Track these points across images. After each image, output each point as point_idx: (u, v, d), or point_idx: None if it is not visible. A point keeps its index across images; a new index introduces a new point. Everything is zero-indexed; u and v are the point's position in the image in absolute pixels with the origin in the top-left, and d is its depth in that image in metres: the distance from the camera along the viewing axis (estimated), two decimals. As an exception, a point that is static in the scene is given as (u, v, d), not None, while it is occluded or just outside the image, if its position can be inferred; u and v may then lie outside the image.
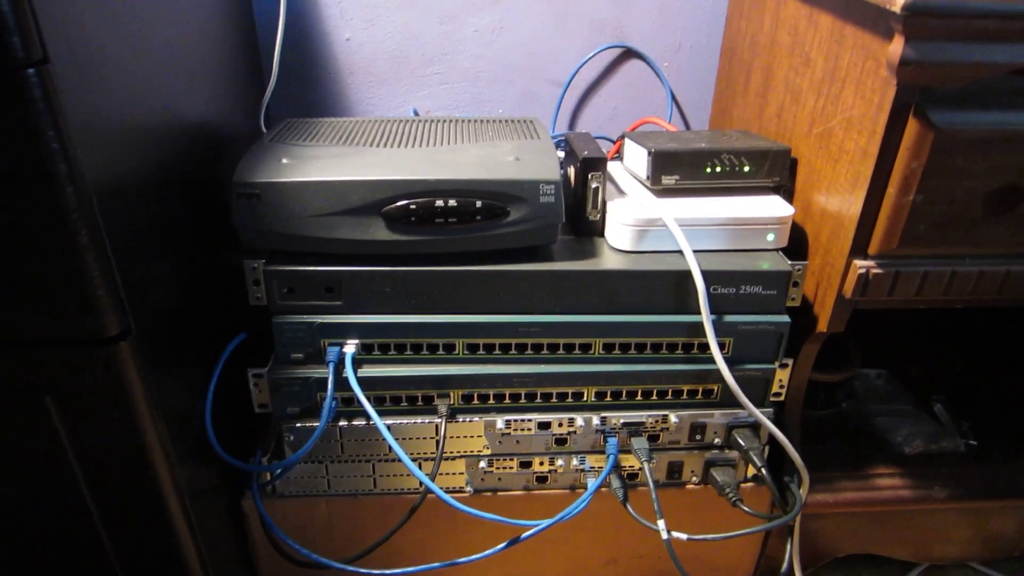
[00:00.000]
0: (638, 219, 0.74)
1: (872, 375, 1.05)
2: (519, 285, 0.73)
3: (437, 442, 0.78)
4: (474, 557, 0.78)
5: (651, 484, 0.76)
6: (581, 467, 0.81)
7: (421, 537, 0.84)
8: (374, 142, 0.76)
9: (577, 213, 0.78)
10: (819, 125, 0.74)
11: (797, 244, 0.78)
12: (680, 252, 0.73)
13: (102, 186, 0.52)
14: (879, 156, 0.64)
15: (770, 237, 0.76)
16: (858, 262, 0.69)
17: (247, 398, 0.76)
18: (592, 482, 0.79)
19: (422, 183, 0.68)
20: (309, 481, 0.80)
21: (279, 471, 0.78)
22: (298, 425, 0.76)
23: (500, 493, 0.82)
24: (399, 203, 0.68)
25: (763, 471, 0.77)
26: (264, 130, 0.94)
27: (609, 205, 0.77)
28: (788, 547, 0.86)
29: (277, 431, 0.77)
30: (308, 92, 1.06)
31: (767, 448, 0.80)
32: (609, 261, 0.74)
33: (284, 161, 0.70)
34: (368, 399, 0.73)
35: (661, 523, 0.74)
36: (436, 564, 0.80)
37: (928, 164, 0.63)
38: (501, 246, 0.71)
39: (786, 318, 0.75)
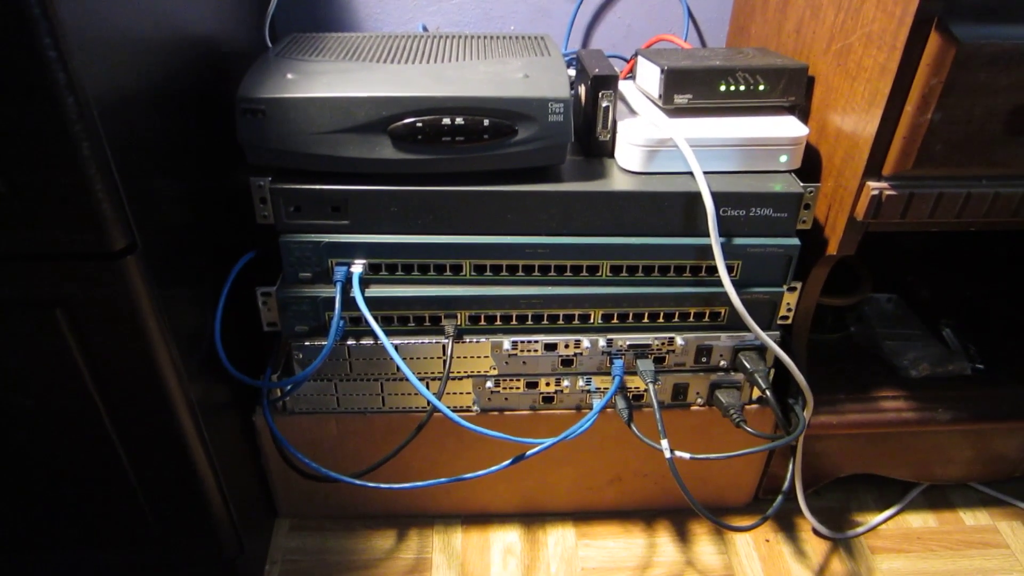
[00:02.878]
0: (649, 139, 0.73)
1: (882, 299, 1.05)
2: (527, 206, 0.72)
3: (444, 362, 0.79)
4: (479, 473, 0.80)
5: (656, 405, 0.77)
6: (587, 388, 0.82)
7: (428, 454, 0.86)
8: (381, 58, 0.75)
9: (587, 133, 0.77)
10: (838, 41, 0.72)
11: (810, 166, 0.77)
12: (691, 173, 0.72)
13: (103, 97, 0.51)
14: (898, 72, 0.62)
15: (783, 158, 0.75)
16: (871, 183, 0.68)
17: (256, 316, 0.76)
18: (597, 402, 0.80)
19: (429, 100, 0.66)
20: (319, 399, 0.82)
21: (289, 388, 0.80)
22: (307, 343, 0.77)
23: (507, 413, 0.84)
24: (406, 121, 0.67)
25: (767, 393, 0.77)
26: (269, 45, 0.92)
27: (620, 125, 0.76)
28: (790, 467, 0.88)
29: (286, 349, 0.78)
30: (314, 7, 1.04)
31: (772, 371, 0.81)
32: (618, 182, 0.74)
33: (289, 76, 0.69)
34: (375, 319, 0.73)
35: (664, 443, 0.75)
36: (442, 479, 0.82)
37: (948, 80, 0.61)
38: (509, 166, 0.70)
39: (796, 241, 0.75)
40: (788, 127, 0.74)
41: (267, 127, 0.67)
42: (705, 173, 0.71)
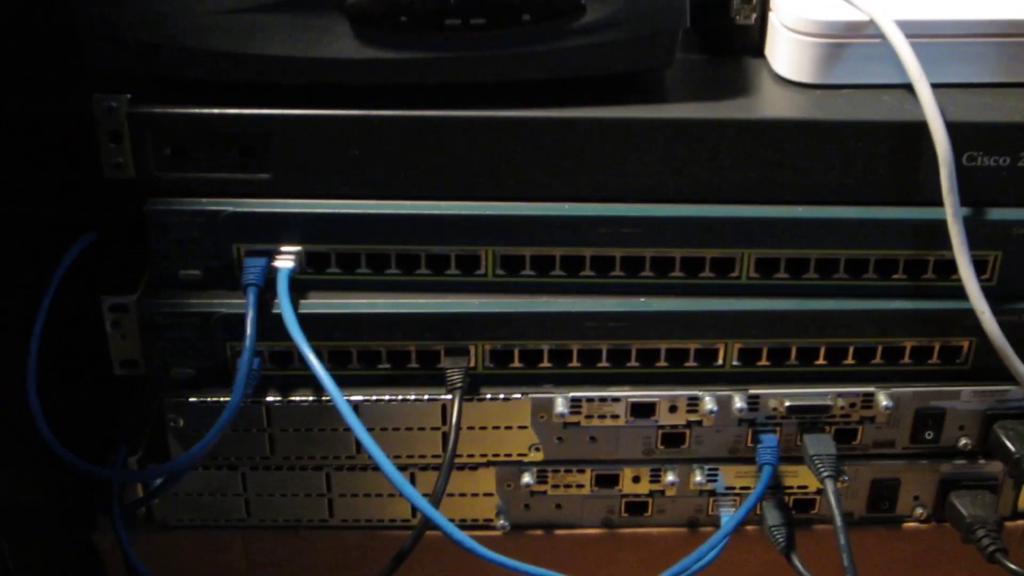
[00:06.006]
0: (830, 23, 0.73)
1: None
2: (601, 147, 0.72)
3: (444, 435, 0.78)
4: (510, 643, 0.79)
5: (839, 520, 0.75)
6: (710, 486, 0.82)
7: (416, 605, 0.85)
8: None
9: (713, 12, 0.78)
10: None
11: None
12: (907, 87, 0.71)
13: None
14: None
15: (1084, 61, 0.75)
16: None
17: (103, 349, 0.76)
18: (729, 515, 0.80)
19: (421, -49, 0.67)
20: (214, 501, 0.82)
21: (159, 482, 0.79)
22: (193, 400, 0.77)
23: (560, 532, 0.83)
24: (378, -12, 0.67)
25: (1050, 499, 0.76)
26: None
27: (774, -2, 0.76)
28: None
29: (156, 410, 0.78)
30: None
31: (1060, 458, 0.80)
32: (773, 103, 0.74)
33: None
34: (318, 355, 0.73)
35: (856, 589, 0.74)
36: (442, 654, 0.81)
37: None
38: (568, 74, 0.71)
39: (1107, 214, 0.75)
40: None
41: (124, 4, 0.67)
42: (934, 86, 0.70)
